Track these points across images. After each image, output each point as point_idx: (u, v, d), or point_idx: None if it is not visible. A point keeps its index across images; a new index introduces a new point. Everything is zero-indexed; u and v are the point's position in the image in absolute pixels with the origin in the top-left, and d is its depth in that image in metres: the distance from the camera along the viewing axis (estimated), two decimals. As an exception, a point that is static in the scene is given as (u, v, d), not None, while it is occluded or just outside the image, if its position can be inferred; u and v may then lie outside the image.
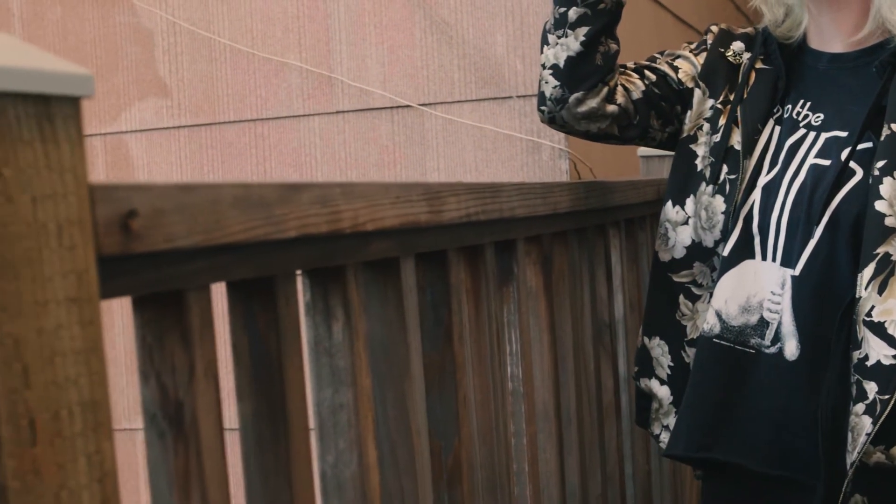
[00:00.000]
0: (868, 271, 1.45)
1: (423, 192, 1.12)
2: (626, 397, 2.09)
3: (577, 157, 2.54)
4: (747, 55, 1.69)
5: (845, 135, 1.55)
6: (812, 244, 1.52)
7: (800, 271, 1.53)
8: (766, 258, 1.57)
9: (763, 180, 1.59)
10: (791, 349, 1.54)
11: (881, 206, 1.46)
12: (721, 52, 1.71)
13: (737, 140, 1.63)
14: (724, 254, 1.61)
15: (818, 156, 1.56)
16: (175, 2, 2.83)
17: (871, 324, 1.45)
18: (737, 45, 1.71)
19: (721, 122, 1.66)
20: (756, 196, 1.59)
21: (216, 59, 2.80)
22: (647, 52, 1.85)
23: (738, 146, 1.63)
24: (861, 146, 1.52)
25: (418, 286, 1.24)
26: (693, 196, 1.65)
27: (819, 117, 1.60)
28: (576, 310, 1.79)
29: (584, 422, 1.81)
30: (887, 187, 1.46)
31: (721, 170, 1.63)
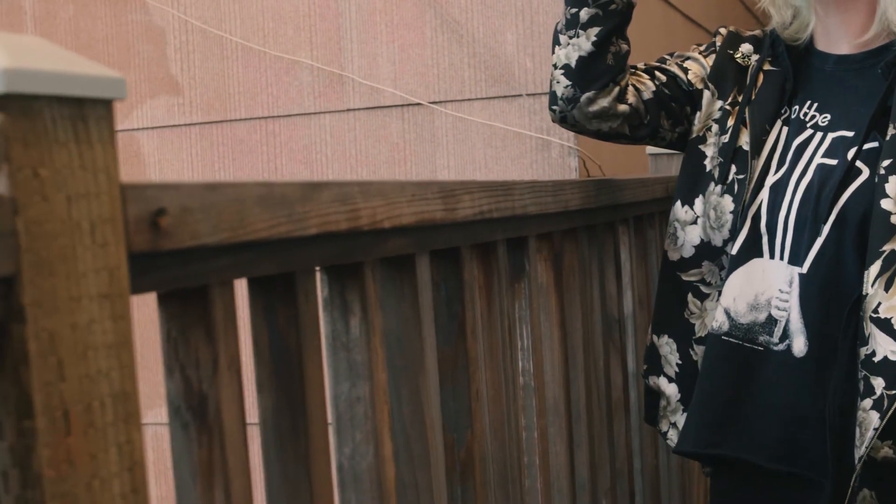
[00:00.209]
0: (875, 268, 1.47)
1: (438, 191, 1.14)
2: (634, 393, 2.10)
3: (586, 154, 2.56)
4: (755, 57, 1.71)
5: (851, 135, 1.57)
6: (819, 242, 1.54)
7: (807, 269, 1.55)
8: (773, 256, 1.59)
9: (771, 180, 1.61)
10: (799, 346, 1.56)
11: (887, 204, 1.48)
12: (730, 54, 1.72)
13: (745, 140, 1.65)
14: (733, 252, 1.63)
15: (825, 155, 1.58)
16: (187, 0, 2.84)
17: (878, 320, 1.46)
18: (745, 47, 1.72)
19: (729, 123, 1.68)
20: (764, 195, 1.60)
21: (228, 57, 2.82)
22: (657, 53, 1.86)
23: (746, 146, 1.64)
24: (867, 146, 1.54)
25: (433, 282, 1.26)
26: (702, 196, 1.67)
27: (826, 118, 1.61)
28: (586, 306, 1.81)
29: (593, 417, 1.82)
30: (893, 186, 1.48)
31: (730, 170, 1.64)
